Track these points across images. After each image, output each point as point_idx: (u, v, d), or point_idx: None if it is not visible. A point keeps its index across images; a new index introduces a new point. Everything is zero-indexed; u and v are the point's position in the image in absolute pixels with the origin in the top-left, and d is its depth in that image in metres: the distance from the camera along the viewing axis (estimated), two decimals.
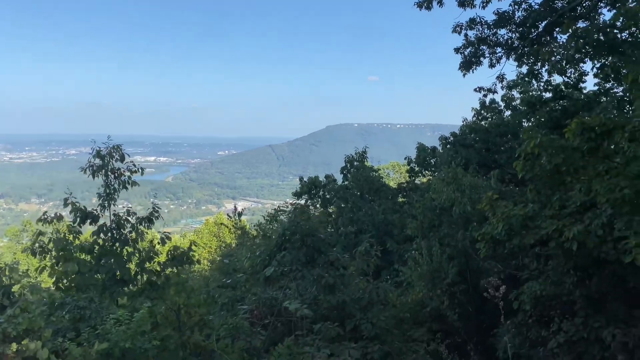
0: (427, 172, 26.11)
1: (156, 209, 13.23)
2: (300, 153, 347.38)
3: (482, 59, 19.21)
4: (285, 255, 10.81)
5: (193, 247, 13.25)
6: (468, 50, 19.00)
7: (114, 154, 13.10)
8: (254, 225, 23.33)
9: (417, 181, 26.81)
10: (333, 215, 22.69)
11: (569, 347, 10.09)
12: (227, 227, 27.23)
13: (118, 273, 12.15)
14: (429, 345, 13.11)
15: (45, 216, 11.72)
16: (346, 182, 23.81)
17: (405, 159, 26.66)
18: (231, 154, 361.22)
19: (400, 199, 25.20)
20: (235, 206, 21.66)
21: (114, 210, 12.80)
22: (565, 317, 10.54)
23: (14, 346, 7.98)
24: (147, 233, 13.34)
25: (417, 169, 26.03)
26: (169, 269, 12.77)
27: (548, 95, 19.29)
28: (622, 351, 9.32)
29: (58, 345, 8.13)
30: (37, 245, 11.53)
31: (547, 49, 14.55)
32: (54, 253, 11.56)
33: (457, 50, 19.09)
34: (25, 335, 8.30)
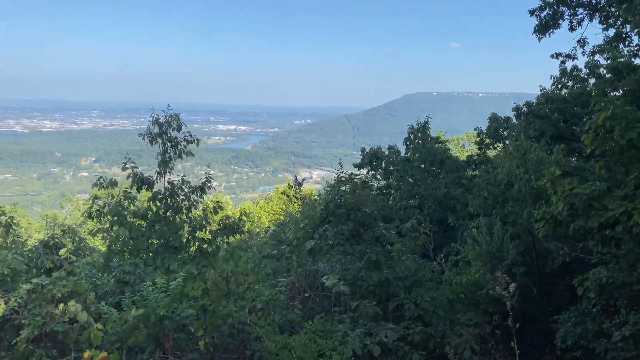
0: (498, 144, 24.63)
1: (209, 178, 13.35)
2: (376, 123, 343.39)
3: (560, 21, 17.42)
4: (327, 229, 10.51)
5: (243, 218, 13.33)
6: (545, 12, 17.27)
7: (172, 123, 13.26)
8: (315, 195, 23.21)
9: (488, 154, 25.41)
10: (392, 189, 22.06)
11: (636, 341, 9.13)
12: (288, 197, 27.41)
13: (171, 239, 12.45)
14: (484, 328, 12.47)
15: (101, 181, 12.16)
16: (407, 154, 22.97)
17: (475, 129, 25.26)
18: (307, 123, 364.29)
19: (470, 173, 24.02)
20: (296, 176, 21.58)
21: (169, 178, 13.06)
22: (634, 308, 9.54)
23: (61, 306, 8.37)
24: (201, 202, 13.53)
25: (487, 140, 24.60)
26: (220, 238, 12.96)
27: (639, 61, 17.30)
28: None
29: (100, 308, 8.41)
30: (93, 209, 12.02)
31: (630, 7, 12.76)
32: (109, 217, 12.00)
33: (531, 12, 17.43)
34: (71, 297, 8.70)
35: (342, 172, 12.13)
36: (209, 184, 13.35)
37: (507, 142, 24.03)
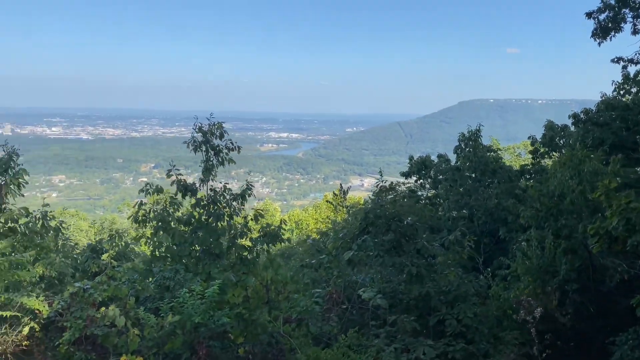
0: (554, 153, 23.52)
1: (249, 186, 13.39)
2: (430, 130, 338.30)
3: (622, 24, 16.38)
4: (366, 240, 10.26)
5: (283, 226, 13.27)
6: (604, 15, 16.30)
7: (215, 131, 13.43)
8: (361, 204, 22.90)
9: (544, 163, 24.33)
10: (441, 198, 21.42)
11: None
12: (333, 205, 27.24)
13: (212, 246, 12.55)
14: (532, 347, 11.84)
15: (147, 187, 12.44)
16: (458, 163, 22.28)
17: (528, 138, 24.24)
18: (359, 130, 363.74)
19: (524, 183, 23.06)
20: (341, 184, 21.39)
21: (211, 186, 13.20)
22: None
23: (102, 310, 8.56)
24: (243, 209, 13.59)
25: (542, 149, 23.54)
26: (260, 245, 12.96)
27: None
28: None
29: (138, 314, 8.53)
30: (140, 214, 12.30)
31: None
32: (154, 223, 12.24)
33: (589, 15, 16.49)
34: (113, 302, 8.88)
35: (383, 180, 11.86)
36: (249, 192, 13.40)
37: (563, 151, 22.93)
